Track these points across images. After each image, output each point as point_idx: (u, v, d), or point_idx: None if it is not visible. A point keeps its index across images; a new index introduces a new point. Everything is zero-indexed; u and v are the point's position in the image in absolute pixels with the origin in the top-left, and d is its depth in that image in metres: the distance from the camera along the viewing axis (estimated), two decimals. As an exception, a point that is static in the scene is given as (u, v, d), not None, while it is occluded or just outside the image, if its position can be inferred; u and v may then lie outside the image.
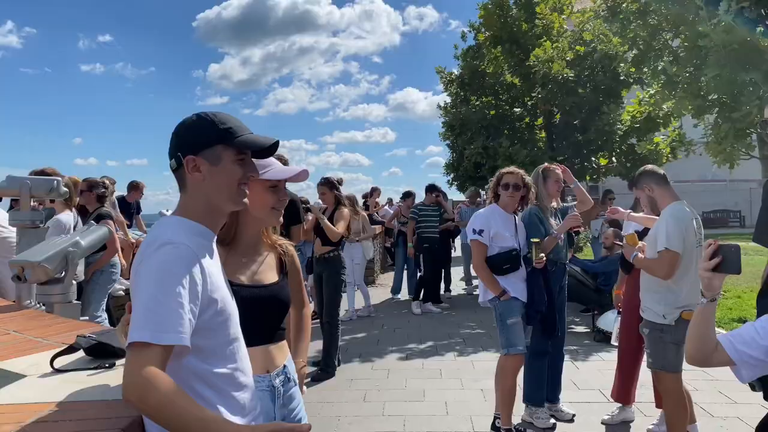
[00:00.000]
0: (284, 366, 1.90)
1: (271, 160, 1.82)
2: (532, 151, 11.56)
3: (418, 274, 9.27)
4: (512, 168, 4.19)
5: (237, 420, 1.43)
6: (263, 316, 1.84)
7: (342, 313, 6.08)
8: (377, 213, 12.59)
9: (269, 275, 1.90)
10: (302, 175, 1.87)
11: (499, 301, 3.86)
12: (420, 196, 9.66)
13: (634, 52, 4.86)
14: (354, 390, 5.06)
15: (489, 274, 3.89)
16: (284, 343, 1.95)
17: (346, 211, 5.59)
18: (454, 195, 19.41)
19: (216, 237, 1.51)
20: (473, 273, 8.14)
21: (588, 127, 11.23)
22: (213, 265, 1.43)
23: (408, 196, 9.99)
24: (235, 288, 1.70)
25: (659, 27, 3.62)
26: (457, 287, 10.37)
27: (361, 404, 4.71)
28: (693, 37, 3.18)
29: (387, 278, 12.15)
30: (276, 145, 1.50)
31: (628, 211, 4.38)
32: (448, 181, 17.59)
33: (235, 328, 1.48)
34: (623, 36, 4.44)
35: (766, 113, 2.13)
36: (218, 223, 1.50)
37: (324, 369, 5.43)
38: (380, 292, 10.56)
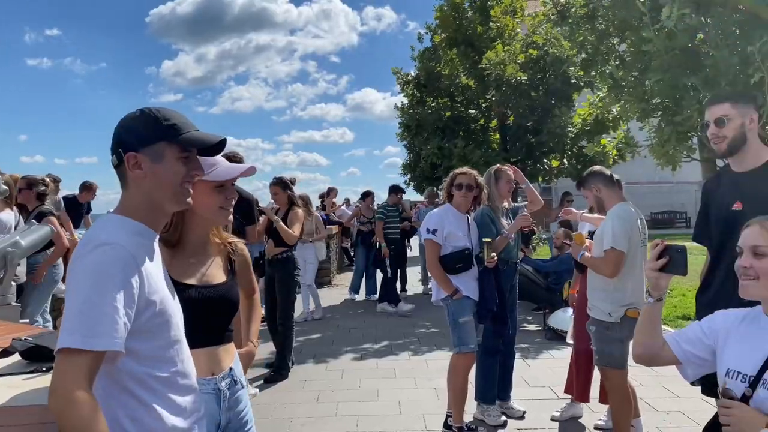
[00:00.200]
0: (230, 369, 1.87)
1: (218, 158, 1.79)
2: (486, 152, 11.73)
3: (379, 275, 9.31)
4: (465, 169, 4.24)
5: (177, 421, 1.41)
6: (211, 317, 1.81)
7: (297, 314, 6.04)
8: (334, 213, 12.55)
9: (218, 275, 1.87)
10: (249, 171, 1.85)
11: (452, 299, 3.90)
12: (379, 197, 9.71)
13: (582, 55, 5.01)
14: (307, 391, 5.03)
15: (442, 273, 3.93)
16: (231, 345, 1.92)
17: (300, 212, 5.54)
18: (411, 195, 19.50)
19: (159, 237, 1.48)
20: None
21: (540, 130, 11.51)
22: (152, 266, 1.39)
23: (367, 195, 10.08)
24: (183, 289, 1.67)
25: (607, 32, 3.74)
26: (414, 287, 10.43)
27: (315, 405, 4.69)
28: (638, 42, 3.28)
29: (344, 278, 12.12)
30: (222, 143, 1.48)
31: (582, 211, 4.48)
32: (405, 181, 17.65)
33: (176, 331, 1.44)
34: (572, 40, 4.57)
35: (705, 116, 2.22)
36: (160, 222, 1.47)
37: (277, 371, 5.38)
38: (336, 292, 10.53)
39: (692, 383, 2.81)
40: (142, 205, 1.40)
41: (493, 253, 3.99)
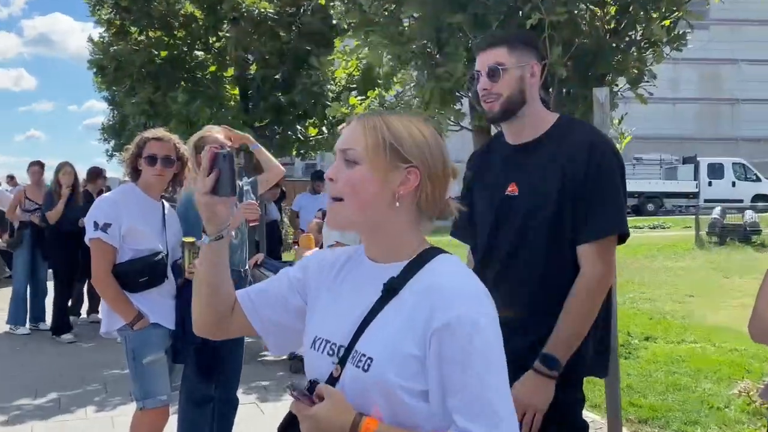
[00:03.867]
0: None
1: None
2: (219, 111, 11.33)
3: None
4: (161, 132, 3.93)
5: None
6: None
7: None
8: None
9: None
10: None
11: (133, 331, 3.57)
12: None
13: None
14: None
15: (117, 290, 3.60)
16: None
17: None
18: (118, 172, 18.53)
19: None
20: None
21: (293, 85, 11.46)
22: None
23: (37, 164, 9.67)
24: None
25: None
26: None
27: None
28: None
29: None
30: None
31: None
32: (107, 150, 16.64)
33: None
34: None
35: (476, 65, 2.25)
36: None
37: None
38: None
39: None
40: None
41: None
